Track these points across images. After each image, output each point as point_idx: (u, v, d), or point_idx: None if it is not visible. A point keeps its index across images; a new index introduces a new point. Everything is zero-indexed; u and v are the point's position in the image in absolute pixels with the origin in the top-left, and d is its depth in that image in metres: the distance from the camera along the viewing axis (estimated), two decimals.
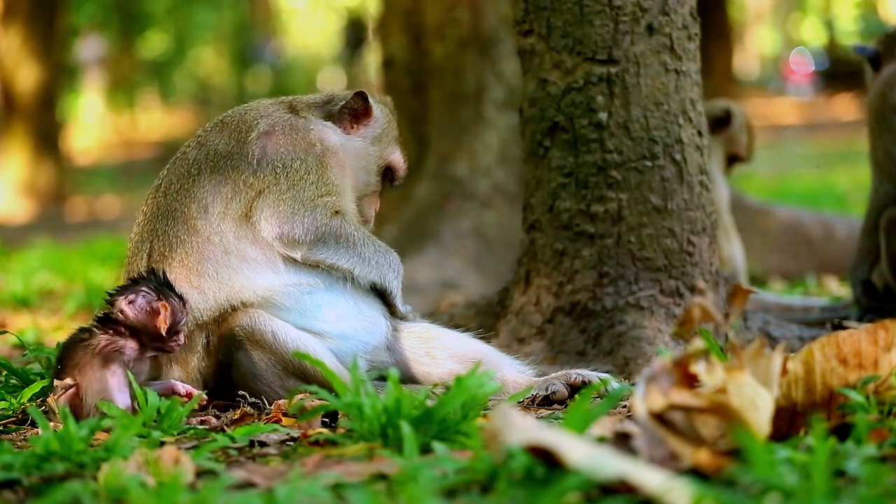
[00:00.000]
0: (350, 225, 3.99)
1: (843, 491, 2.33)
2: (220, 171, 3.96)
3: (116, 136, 32.54)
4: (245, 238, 3.90)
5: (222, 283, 3.86)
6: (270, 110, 4.10)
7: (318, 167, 3.97)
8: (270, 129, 4.01)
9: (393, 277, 4.05)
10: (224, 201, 3.92)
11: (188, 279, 3.85)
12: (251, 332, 3.81)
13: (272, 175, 3.92)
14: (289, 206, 3.90)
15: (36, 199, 18.46)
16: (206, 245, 3.88)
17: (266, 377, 3.80)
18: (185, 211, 3.92)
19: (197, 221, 3.90)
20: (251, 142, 3.97)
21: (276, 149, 3.97)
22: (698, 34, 4.58)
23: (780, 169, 16.32)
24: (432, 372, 4.08)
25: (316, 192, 3.94)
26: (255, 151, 3.96)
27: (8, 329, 5.95)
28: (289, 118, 4.06)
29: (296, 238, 3.89)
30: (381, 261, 4.02)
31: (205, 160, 3.99)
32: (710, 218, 4.57)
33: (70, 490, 2.60)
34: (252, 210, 3.91)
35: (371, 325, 4.01)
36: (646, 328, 4.37)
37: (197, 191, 3.94)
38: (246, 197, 3.92)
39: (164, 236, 3.93)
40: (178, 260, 3.88)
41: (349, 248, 3.96)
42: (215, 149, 4.01)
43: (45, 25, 18.56)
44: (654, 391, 2.58)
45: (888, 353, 2.94)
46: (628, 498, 2.29)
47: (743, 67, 34.24)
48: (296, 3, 38.59)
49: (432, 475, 2.53)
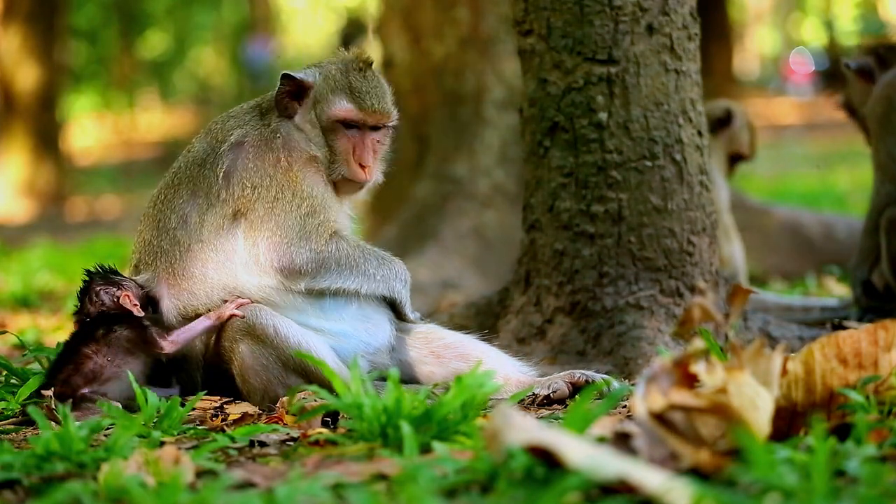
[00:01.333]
0: (348, 244, 3.94)
1: (843, 491, 2.33)
2: (195, 181, 3.97)
3: (116, 136, 32.54)
4: (224, 250, 3.89)
5: (214, 283, 3.87)
6: (246, 119, 4.05)
7: (288, 183, 3.91)
8: (241, 139, 3.97)
9: (401, 287, 4.04)
10: (200, 213, 3.92)
11: (177, 285, 3.89)
12: (252, 326, 3.81)
13: (243, 195, 3.89)
14: (281, 237, 3.86)
15: (36, 199, 18.46)
16: (187, 254, 3.90)
17: (266, 373, 3.80)
18: (167, 222, 3.95)
19: (177, 231, 3.92)
20: (222, 154, 3.95)
21: (245, 163, 3.93)
22: (698, 34, 4.58)
23: (780, 169, 16.32)
24: (436, 372, 4.08)
25: (300, 214, 3.88)
26: (223, 164, 3.93)
27: (8, 329, 5.96)
28: (259, 129, 3.99)
29: (297, 269, 3.87)
30: (387, 273, 3.99)
31: (185, 169, 4.01)
32: (710, 218, 4.57)
33: (70, 490, 2.60)
34: (238, 231, 3.90)
35: (374, 327, 4.01)
36: (646, 328, 4.37)
37: (176, 201, 3.97)
38: (222, 212, 3.91)
39: (149, 246, 3.98)
40: (163, 268, 3.91)
41: (352, 268, 3.93)
42: (194, 157, 4.02)
43: (45, 25, 18.57)
44: (654, 391, 2.58)
45: (888, 353, 2.94)
46: (628, 498, 2.29)
47: (743, 67, 34.24)
48: (296, 3, 38.59)
49: (432, 475, 2.53)
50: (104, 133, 33.34)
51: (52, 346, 4.52)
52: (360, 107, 3.99)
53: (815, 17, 38.30)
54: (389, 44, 7.91)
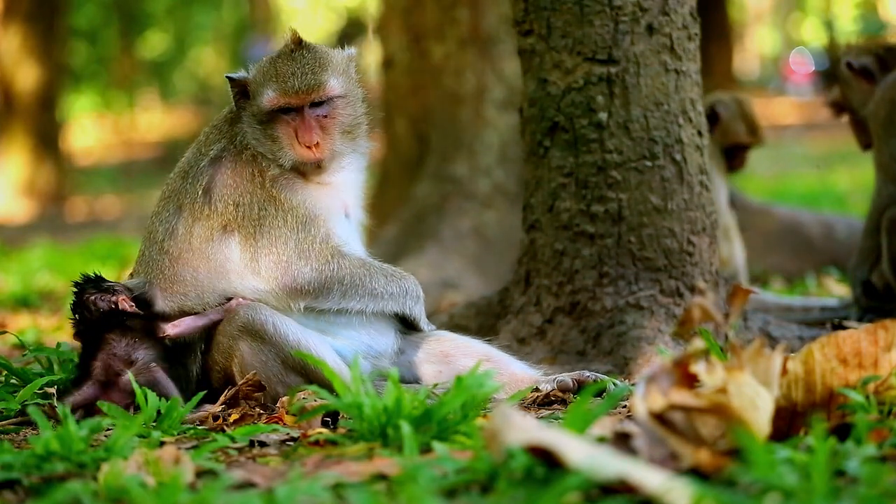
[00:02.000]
0: (351, 262, 3.89)
1: (843, 491, 2.33)
2: (178, 195, 3.97)
3: (116, 136, 32.54)
4: (217, 258, 3.88)
5: (210, 285, 3.87)
6: (223, 129, 4.03)
7: (267, 197, 3.89)
8: (219, 155, 3.97)
9: (413, 304, 4.00)
10: (187, 226, 3.92)
11: (171, 289, 3.89)
12: (251, 322, 3.80)
13: (226, 211, 3.88)
14: (279, 254, 3.84)
15: (36, 199, 18.46)
16: (178, 262, 3.90)
17: (266, 371, 3.79)
18: (156, 233, 3.96)
19: (165, 242, 3.93)
20: (202, 170, 3.95)
21: (224, 179, 3.92)
22: (698, 34, 4.58)
23: (780, 169, 16.31)
24: (443, 371, 4.07)
25: (289, 228, 3.85)
26: (203, 180, 3.93)
27: (8, 329, 5.96)
28: (234, 141, 3.97)
29: (299, 289, 3.85)
30: (396, 291, 3.95)
31: (173, 181, 4.02)
32: (710, 218, 4.57)
33: (70, 490, 2.60)
34: (232, 241, 3.89)
35: (378, 334, 4.00)
36: (646, 328, 4.37)
37: (164, 213, 3.98)
38: (209, 225, 3.90)
39: (143, 257, 4.00)
40: (155, 277, 3.92)
41: (356, 288, 3.88)
42: (180, 168, 4.03)
43: (45, 25, 18.57)
44: (654, 391, 2.58)
45: (888, 353, 2.94)
46: (628, 498, 2.29)
47: (743, 67, 34.23)
48: (296, 3, 38.59)
49: (432, 475, 2.53)
50: (104, 133, 33.34)
51: (52, 346, 4.52)
52: (282, 91, 3.90)
53: (815, 17, 38.31)
54: (389, 44, 7.91)
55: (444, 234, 7.25)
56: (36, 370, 4.24)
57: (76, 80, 30.69)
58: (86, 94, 34.09)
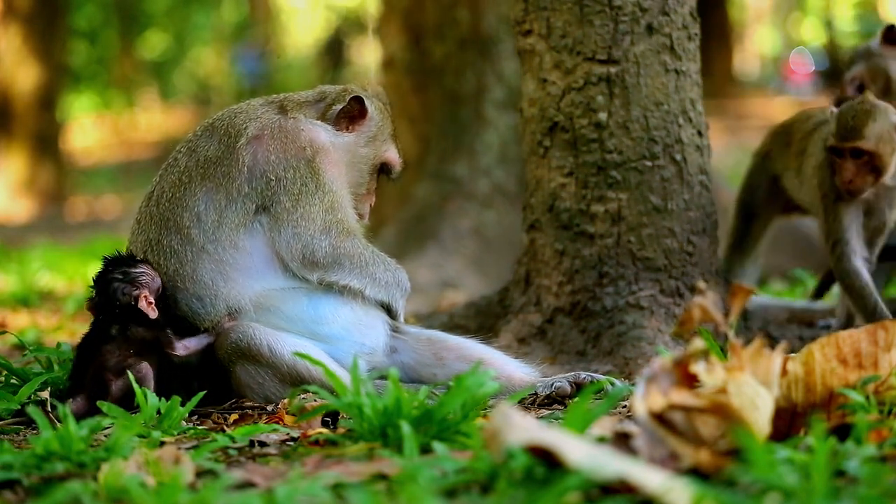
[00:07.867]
0: (361, 244, 3.99)
1: (843, 491, 2.33)
2: (211, 178, 3.93)
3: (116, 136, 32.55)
4: (242, 248, 3.88)
5: (218, 290, 3.86)
6: (259, 112, 4.04)
7: (311, 174, 3.92)
8: (259, 133, 3.96)
9: (400, 296, 4.08)
10: (218, 210, 3.89)
11: (184, 287, 3.86)
12: (247, 347, 3.81)
13: (268, 188, 3.89)
14: (304, 227, 3.89)
15: (36, 199, 18.47)
16: (201, 254, 3.88)
17: (263, 391, 3.82)
18: (178, 220, 3.91)
19: (190, 230, 3.89)
20: (241, 148, 3.93)
21: (267, 156, 3.92)
22: (698, 34, 4.59)
23: None
24: (438, 374, 4.08)
25: (322, 207, 3.91)
26: (245, 158, 3.91)
27: (8, 329, 5.96)
28: (277, 120, 4.00)
29: (316, 261, 3.90)
30: (391, 280, 4.03)
31: (195, 167, 3.96)
32: (710, 218, 4.58)
33: (70, 490, 2.60)
34: (259, 225, 3.90)
35: (368, 328, 4.01)
36: (646, 328, 4.37)
37: (189, 199, 3.92)
38: (244, 207, 3.89)
39: (157, 246, 3.93)
40: (172, 269, 3.89)
41: (362, 268, 3.96)
42: (205, 155, 3.97)
43: (45, 25, 18.57)
44: (654, 391, 2.58)
45: (888, 353, 2.94)
46: (628, 498, 2.29)
47: (743, 67, 34.23)
48: (296, 3, 38.59)
49: (432, 475, 2.53)
50: (104, 133, 33.34)
51: (51, 345, 4.52)
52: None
53: (815, 17, 38.30)
54: (389, 44, 7.91)
55: (444, 235, 7.25)
56: (36, 370, 4.23)
57: (76, 80, 30.67)
58: (86, 94, 34.08)
